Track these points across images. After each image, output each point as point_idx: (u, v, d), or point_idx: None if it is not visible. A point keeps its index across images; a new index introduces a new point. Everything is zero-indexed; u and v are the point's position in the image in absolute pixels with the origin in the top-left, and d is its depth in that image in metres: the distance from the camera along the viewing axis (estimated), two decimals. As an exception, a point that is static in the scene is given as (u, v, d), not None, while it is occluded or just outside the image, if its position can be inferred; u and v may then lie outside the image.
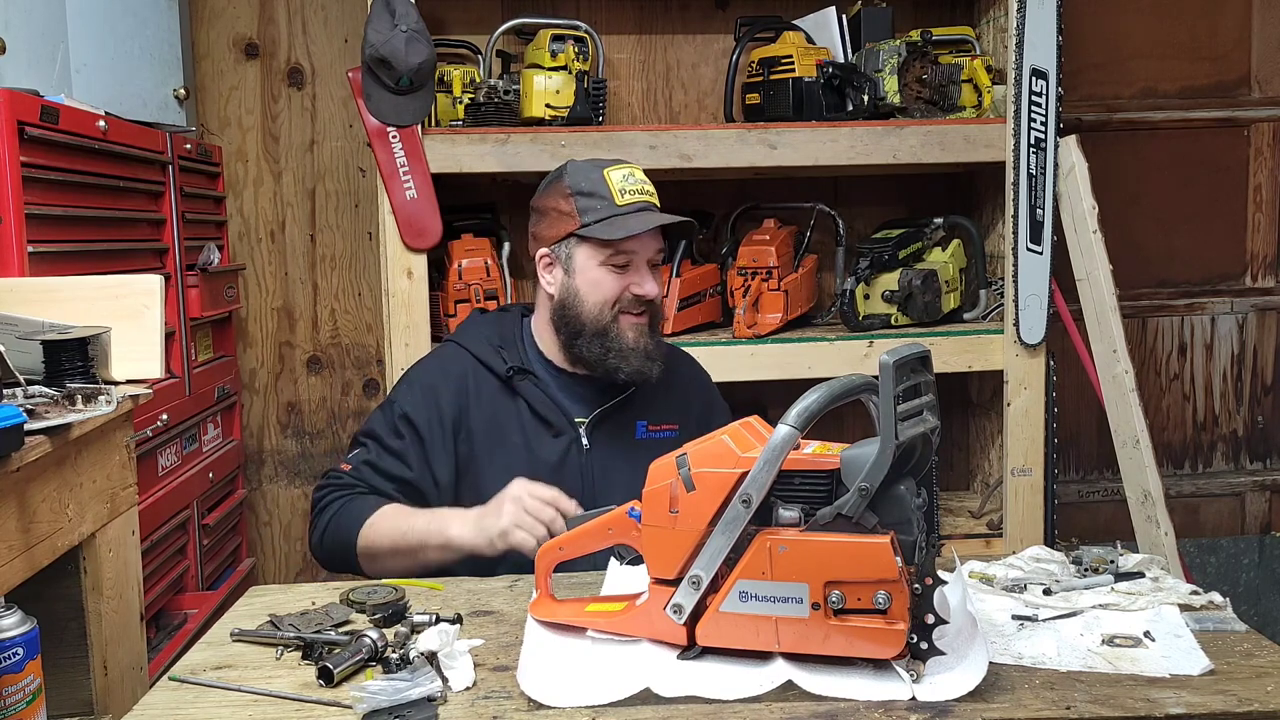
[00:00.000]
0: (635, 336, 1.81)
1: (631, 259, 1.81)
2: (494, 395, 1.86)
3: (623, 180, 1.81)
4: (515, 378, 1.86)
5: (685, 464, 1.23)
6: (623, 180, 1.81)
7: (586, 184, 1.82)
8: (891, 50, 2.67)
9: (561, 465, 1.82)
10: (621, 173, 1.82)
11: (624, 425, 1.88)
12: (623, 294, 1.81)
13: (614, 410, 1.87)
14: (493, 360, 1.87)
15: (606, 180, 1.81)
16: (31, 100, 1.83)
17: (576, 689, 1.18)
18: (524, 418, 1.85)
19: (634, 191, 1.81)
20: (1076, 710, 1.12)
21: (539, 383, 1.87)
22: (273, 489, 3.07)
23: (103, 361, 1.59)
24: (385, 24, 2.38)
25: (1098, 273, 2.60)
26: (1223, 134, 3.14)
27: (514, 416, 1.85)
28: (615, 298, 1.81)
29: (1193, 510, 3.21)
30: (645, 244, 1.81)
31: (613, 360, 1.81)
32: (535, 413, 1.85)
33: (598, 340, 1.82)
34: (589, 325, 1.82)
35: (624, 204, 1.79)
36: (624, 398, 1.87)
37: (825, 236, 2.89)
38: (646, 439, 1.88)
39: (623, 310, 1.81)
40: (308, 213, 3.02)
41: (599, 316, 1.81)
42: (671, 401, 1.92)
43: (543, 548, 1.40)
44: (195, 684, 1.26)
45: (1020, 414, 2.67)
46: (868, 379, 1.25)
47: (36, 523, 1.35)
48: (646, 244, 1.81)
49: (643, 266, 1.82)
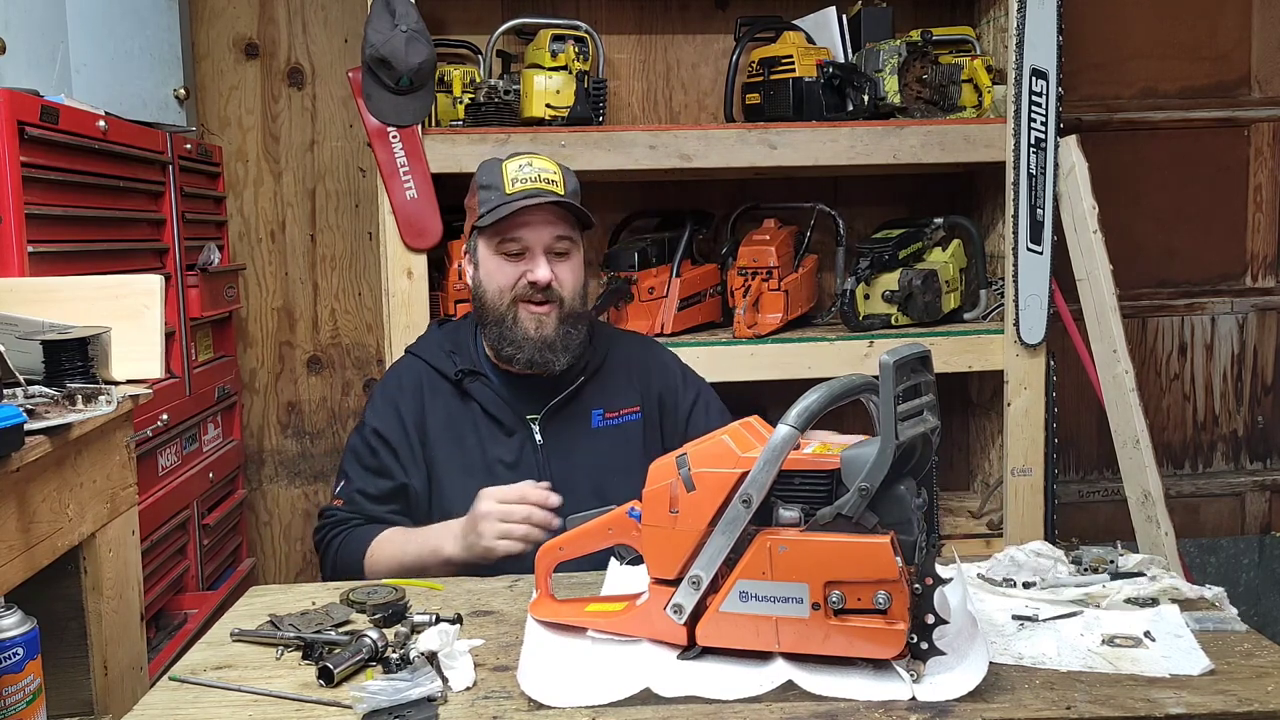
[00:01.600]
0: (534, 327, 1.82)
1: (524, 245, 1.82)
2: (448, 399, 1.88)
3: (517, 170, 1.83)
4: (465, 380, 1.88)
5: (685, 464, 1.23)
6: (517, 170, 1.83)
7: (486, 177, 1.86)
8: (892, 50, 2.67)
9: (517, 463, 1.84)
10: (518, 163, 1.85)
11: (577, 416, 1.89)
12: (517, 282, 1.82)
13: (564, 404, 1.88)
14: (444, 365, 1.89)
15: (502, 171, 1.83)
16: (31, 100, 1.83)
17: (576, 689, 1.18)
18: (477, 419, 1.87)
19: (526, 179, 1.82)
20: (1076, 710, 1.12)
21: (488, 383, 1.88)
22: (273, 489, 3.07)
23: (103, 361, 1.59)
24: (385, 24, 2.38)
25: (1098, 273, 2.60)
26: (1223, 134, 3.14)
27: (468, 419, 1.87)
28: (510, 284, 1.82)
29: (1193, 510, 3.21)
30: (536, 231, 1.81)
31: (508, 349, 1.83)
32: (487, 413, 1.87)
33: (495, 328, 1.84)
34: (490, 314, 1.84)
35: (513, 191, 1.81)
36: (572, 390, 1.88)
37: (825, 236, 2.89)
38: (604, 427, 1.90)
39: (520, 299, 1.82)
40: (308, 213, 3.02)
41: (497, 304, 1.83)
42: (628, 385, 1.94)
43: (542, 548, 1.40)
44: (195, 684, 1.26)
45: (1020, 414, 2.67)
46: (868, 379, 1.24)
47: (36, 523, 1.35)
48: (538, 230, 1.81)
49: (538, 254, 1.82)
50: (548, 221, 1.82)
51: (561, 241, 1.84)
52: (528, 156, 1.87)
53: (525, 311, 1.83)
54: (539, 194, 1.81)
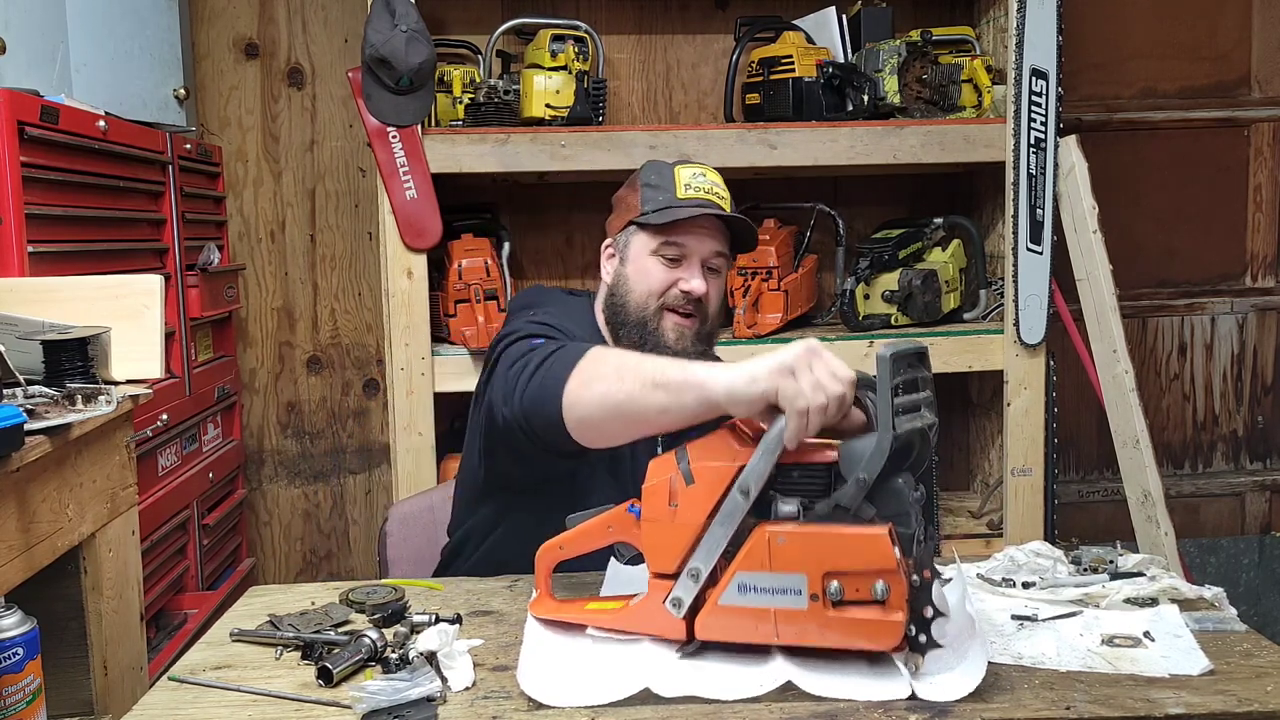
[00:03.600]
0: (675, 337, 1.76)
1: (684, 253, 1.76)
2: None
3: (691, 177, 1.79)
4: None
5: (684, 458, 1.23)
6: (691, 177, 1.79)
7: (655, 177, 1.81)
8: (891, 50, 2.67)
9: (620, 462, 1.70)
10: (692, 170, 1.80)
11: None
12: (670, 288, 1.76)
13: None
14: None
15: (675, 175, 1.79)
16: (31, 100, 1.83)
17: (576, 689, 1.18)
18: None
19: (700, 188, 1.78)
20: (1076, 710, 1.12)
21: None
22: (273, 489, 3.07)
23: (103, 361, 1.59)
24: (385, 24, 2.39)
25: (1098, 273, 2.60)
26: (1223, 134, 3.14)
27: None
28: (662, 289, 1.76)
29: (1193, 510, 3.21)
30: (700, 240, 1.76)
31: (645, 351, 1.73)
32: None
33: (637, 330, 1.77)
34: (633, 314, 1.78)
35: (685, 197, 1.76)
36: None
37: (825, 236, 2.89)
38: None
39: (668, 306, 1.76)
40: (308, 213, 3.02)
41: (643, 306, 1.77)
42: None
43: (542, 547, 1.39)
44: (195, 684, 1.26)
45: (1020, 414, 2.67)
46: (865, 375, 1.24)
47: (36, 523, 1.35)
48: (702, 241, 1.76)
49: (695, 264, 1.76)
50: (712, 235, 1.77)
51: (718, 258, 1.79)
52: (701, 167, 1.82)
53: (670, 320, 1.76)
54: (712, 205, 1.76)
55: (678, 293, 1.76)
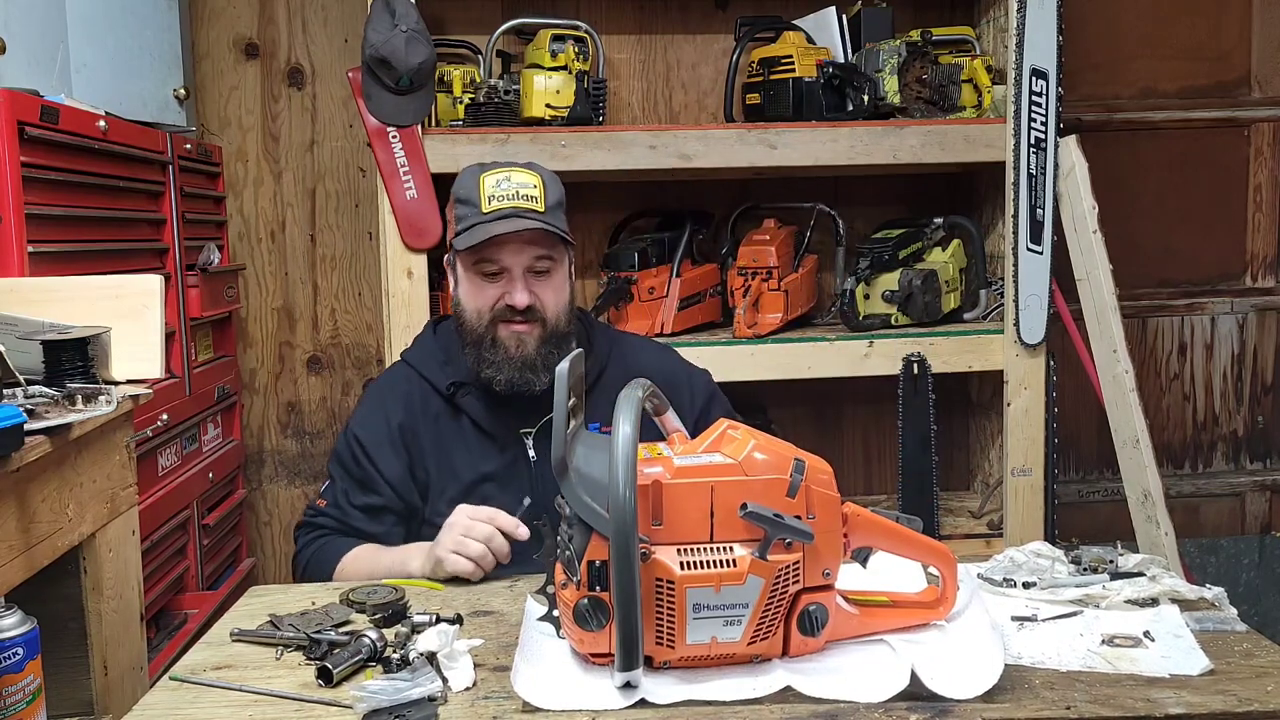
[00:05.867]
0: (514, 346, 1.76)
1: (502, 266, 1.76)
2: (439, 412, 1.83)
3: (494, 186, 1.76)
4: (458, 394, 1.83)
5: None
6: (494, 186, 1.76)
7: (464, 190, 1.80)
8: (891, 50, 2.67)
9: (509, 479, 1.79)
10: (496, 177, 1.77)
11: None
12: (496, 303, 1.77)
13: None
14: (436, 376, 1.84)
15: (479, 186, 1.77)
16: (31, 100, 1.83)
17: (570, 693, 1.17)
18: (468, 433, 1.82)
19: (503, 197, 1.75)
20: (1076, 710, 1.12)
21: (481, 397, 1.82)
22: (273, 489, 3.07)
23: (103, 361, 1.59)
24: (385, 24, 2.38)
25: (1098, 273, 2.60)
26: (1223, 134, 3.14)
27: (459, 433, 1.82)
28: (489, 306, 1.77)
29: (1193, 510, 3.21)
30: (514, 253, 1.75)
31: (487, 370, 1.77)
32: (478, 427, 1.82)
33: (474, 350, 1.79)
34: (469, 334, 1.79)
35: (489, 210, 1.74)
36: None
37: (825, 236, 2.89)
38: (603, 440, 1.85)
39: (499, 319, 1.77)
40: (308, 213, 3.02)
41: (476, 325, 1.78)
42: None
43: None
44: (195, 684, 1.26)
45: (1020, 414, 2.67)
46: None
47: (36, 523, 1.35)
48: (516, 252, 1.75)
49: (516, 277, 1.76)
50: (526, 242, 1.75)
51: (541, 261, 1.77)
52: (506, 170, 1.79)
53: (505, 330, 1.77)
54: (516, 213, 1.74)
55: (504, 306, 1.77)
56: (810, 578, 1.20)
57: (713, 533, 1.18)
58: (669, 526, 1.17)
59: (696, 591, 1.16)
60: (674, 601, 1.16)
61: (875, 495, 3.09)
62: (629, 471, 1.10)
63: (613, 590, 1.12)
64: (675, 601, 1.16)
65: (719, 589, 1.16)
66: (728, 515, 1.17)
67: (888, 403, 2.71)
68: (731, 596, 1.16)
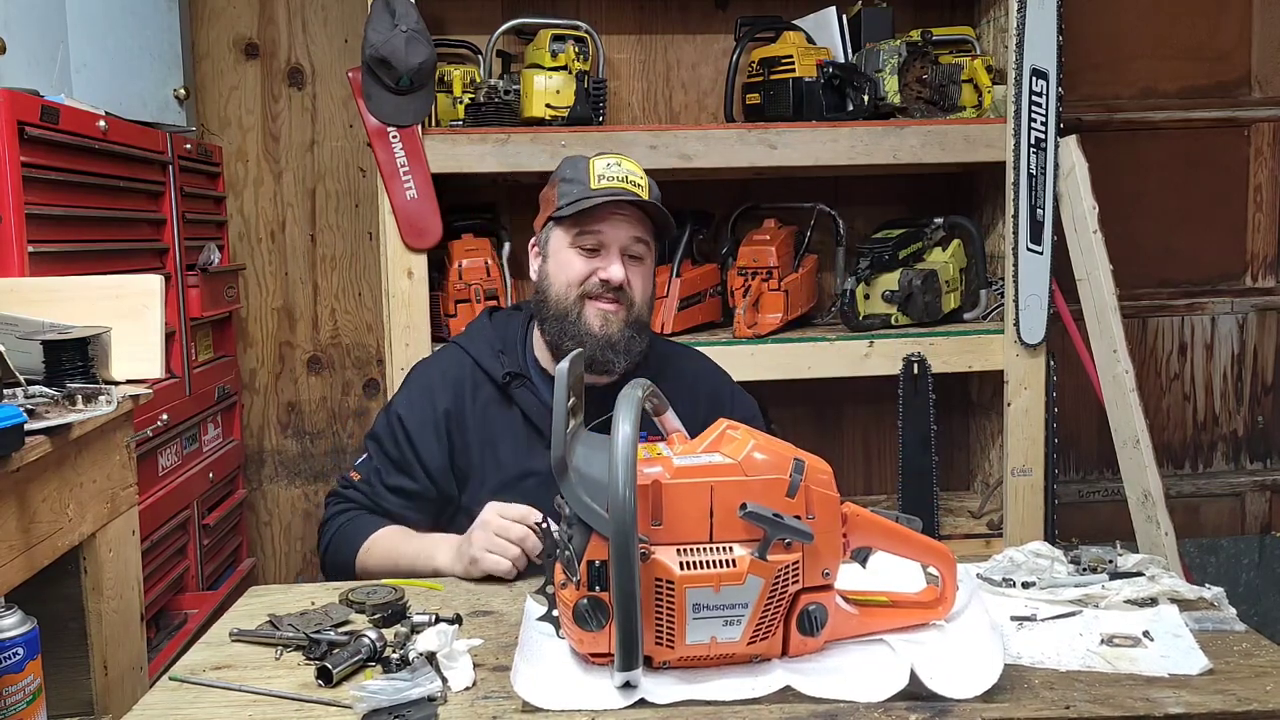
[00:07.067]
0: (599, 324, 1.77)
1: (601, 241, 1.77)
2: (489, 402, 1.83)
3: (605, 168, 1.79)
4: (512, 384, 1.82)
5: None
6: (605, 168, 1.79)
7: (570, 171, 1.82)
8: (892, 50, 2.67)
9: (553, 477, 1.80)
10: (606, 161, 1.81)
11: None
12: (589, 277, 1.77)
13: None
14: (492, 365, 1.84)
15: (589, 166, 1.80)
16: (31, 100, 1.83)
17: (570, 693, 1.17)
18: (517, 427, 1.82)
19: (614, 178, 1.77)
20: (1076, 710, 1.12)
21: (535, 390, 1.83)
22: (273, 489, 3.07)
23: (103, 361, 1.59)
24: (385, 24, 2.38)
25: (1098, 273, 2.60)
26: (1223, 134, 3.14)
27: (508, 425, 1.82)
28: (581, 279, 1.77)
29: (1193, 510, 3.21)
30: (616, 228, 1.77)
31: (568, 344, 1.75)
32: (529, 421, 1.81)
33: (557, 322, 1.79)
34: (553, 308, 1.79)
35: (598, 188, 1.76)
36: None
37: (825, 236, 2.89)
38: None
39: (588, 295, 1.78)
40: (308, 213, 3.02)
41: (564, 298, 1.78)
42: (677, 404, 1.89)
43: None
44: (195, 684, 1.26)
45: (1020, 414, 2.67)
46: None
47: (36, 523, 1.35)
48: (617, 228, 1.77)
49: (613, 252, 1.77)
50: (628, 222, 1.78)
51: (638, 244, 1.79)
52: (616, 156, 1.83)
53: (592, 308, 1.77)
54: (624, 193, 1.76)
55: (597, 281, 1.77)
56: (810, 578, 1.20)
57: (712, 533, 1.18)
58: (669, 526, 1.17)
59: (696, 591, 1.16)
60: (673, 601, 1.16)
61: (875, 495, 3.09)
62: (629, 471, 1.10)
63: (612, 590, 1.12)
64: (675, 601, 1.16)
65: (718, 589, 1.16)
66: (727, 515, 1.17)
67: (888, 403, 2.71)
68: (731, 596, 1.16)
